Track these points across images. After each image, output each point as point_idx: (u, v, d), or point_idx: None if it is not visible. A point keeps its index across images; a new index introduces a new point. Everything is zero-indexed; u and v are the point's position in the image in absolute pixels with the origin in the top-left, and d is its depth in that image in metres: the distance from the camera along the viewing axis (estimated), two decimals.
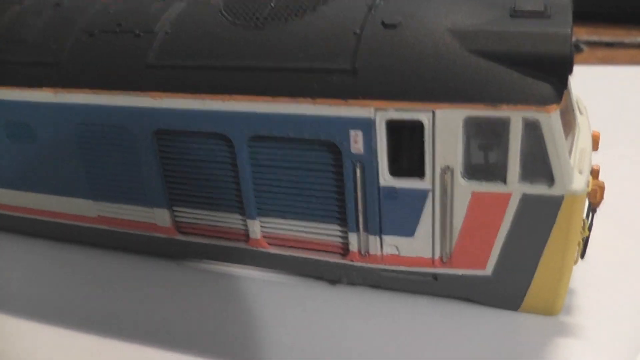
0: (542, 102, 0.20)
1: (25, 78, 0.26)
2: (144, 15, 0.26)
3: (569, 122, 0.22)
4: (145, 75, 0.24)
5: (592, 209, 0.24)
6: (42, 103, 0.26)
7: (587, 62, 0.49)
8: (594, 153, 0.25)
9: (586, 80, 0.43)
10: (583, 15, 0.51)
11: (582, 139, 0.24)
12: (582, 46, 0.50)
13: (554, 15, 0.22)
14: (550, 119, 0.20)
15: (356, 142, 0.22)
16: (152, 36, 0.25)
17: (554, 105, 0.20)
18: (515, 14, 0.22)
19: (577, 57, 0.50)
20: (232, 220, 0.26)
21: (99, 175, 0.27)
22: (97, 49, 0.25)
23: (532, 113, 0.20)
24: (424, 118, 0.21)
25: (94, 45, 0.26)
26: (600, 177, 0.24)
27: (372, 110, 0.21)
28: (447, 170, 0.22)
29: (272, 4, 0.24)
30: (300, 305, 0.26)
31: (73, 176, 0.27)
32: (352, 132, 0.22)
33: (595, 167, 0.24)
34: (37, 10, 0.28)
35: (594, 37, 0.51)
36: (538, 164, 0.21)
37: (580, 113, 0.26)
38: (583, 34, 0.54)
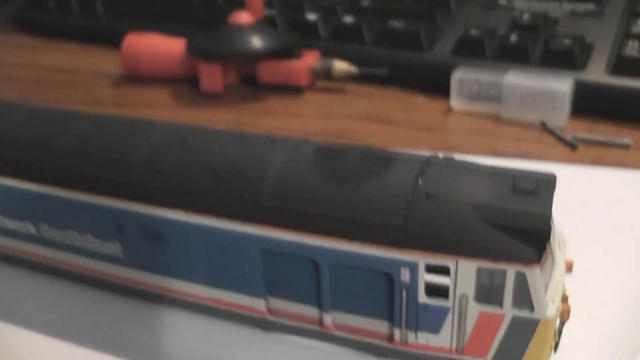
0: (527, 261, 0.32)
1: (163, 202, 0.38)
2: (255, 162, 0.37)
3: (547, 265, 0.34)
4: (259, 212, 0.36)
5: (562, 322, 0.36)
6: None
7: (580, 160, 0.58)
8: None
9: (576, 181, 0.55)
10: (582, 109, 0.62)
11: (557, 273, 0.35)
12: (577, 144, 0.59)
13: (541, 193, 0.33)
14: (532, 272, 0.32)
15: (404, 275, 0.34)
16: (262, 182, 0.36)
17: (535, 264, 0.32)
18: (514, 190, 0.34)
19: (571, 154, 0.61)
20: (312, 312, 0.38)
21: None
22: (219, 187, 0.37)
23: (520, 268, 0.32)
24: (450, 265, 0.33)
25: (217, 183, 0.37)
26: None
27: (416, 256, 0.33)
28: (464, 296, 0.33)
29: (349, 166, 0.36)
30: None
31: None
32: (402, 269, 0.34)
33: (565, 294, 0.36)
34: (169, 144, 0.40)
35: (589, 136, 0.61)
36: (524, 297, 0.33)
37: (559, 248, 0.37)
38: (580, 129, 0.64)
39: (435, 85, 0.71)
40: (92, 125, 0.41)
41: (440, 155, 0.36)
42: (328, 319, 0.36)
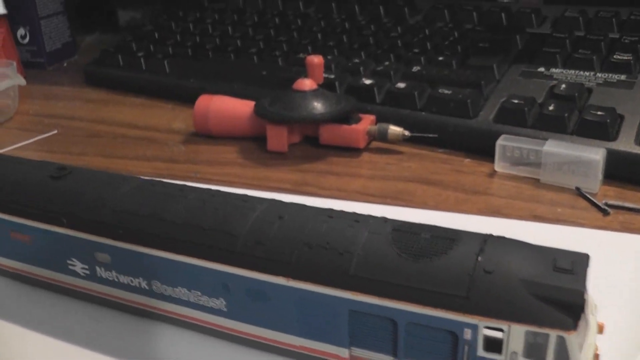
0: (566, 327, 0.40)
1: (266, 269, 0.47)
2: (344, 239, 0.46)
3: (582, 329, 0.42)
4: (348, 280, 0.44)
5: None
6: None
7: (610, 225, 0.65)
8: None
9: (607, 246, 0.62)
10: (614, 176, 0.70)
11: (590, 335, 0.43)
12: (609, 209, 0.67)
13: (577, 271, 0.41)
14: (570, 337, 0.40)
15: (467, 334, 0.42)
16: (350, 256, 0.45)
17: (572, 330, 0.40)
18: (555, 268, 0.42)
19: (603, 219, 0.69)
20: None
21: None
22: (314, 259, 0.46)
23: (560, 332, 0.40)
24: (504, 327, 0.40)
25: (313, 255, 0.46)
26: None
27: (477, 320, 0.41)
28: (514, 353, 0.41)
29: (421, 244, 0.44)
30: None
31: None
32: (465, 329, 0.41)
33: (596, 352, 0.44)
34: (269, 220, 0.49)
35: (620, 202, 0.68)
36: (563, 355, 0.41)
37: (592, 314, 0.45)
38: (611, 195, 0.71)
39: (480, 149, 0.79)
40: (198, 200, 0.49)
41: (494, 234, 0.44)
42: None
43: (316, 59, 0.85)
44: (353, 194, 0.72)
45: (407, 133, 0.79)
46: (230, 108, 0.86)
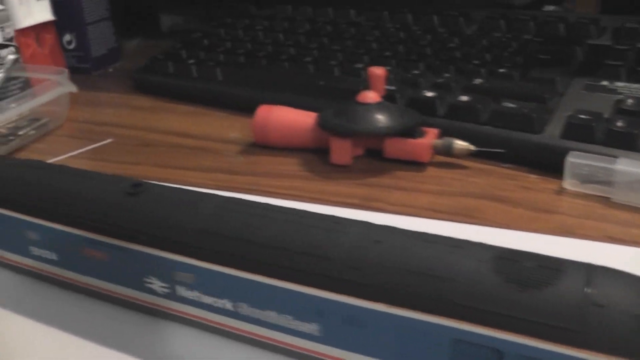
0: None
1: (363, 295, 0.46)
2: (445, 266, 0.43)
3: None
4: (453, 309, 0.43)
5: None
6: None
7: None
8: None
9: None
10: None
11: None
12: None
13: None
14: None
15: None
16: (453, 283, 0.43)
17: None
18: None
19: None
20: None
21: None
22: (415, 285, 0.44)
23: None
24: None
25: (414, 282, 0.44)
26: None
27: (590, 355, 0.39)
28: None
29: (526, 274, 0.43)
30: None
31: None
32: None
33: None
34: (365, 245, 0.47)
35: None
36: None
37: None
38: None
39: (546, 165, 0.78)
40: (287, 221, 0.48)
41: (597, 264, 0.43)
42: None
43: (378, 71, 0.84)
44: (422, 211, 0.70)
45: (472, 148, 0.78)
46: (292, 119, 0.85)
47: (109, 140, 0.99)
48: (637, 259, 0.61)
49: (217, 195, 0.54)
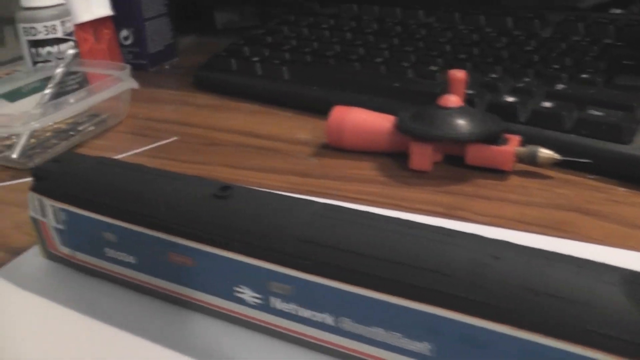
0: None
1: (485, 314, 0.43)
2: (572, 287, 0.40)
3: None
4: (586, 336, 0.40)
5: None
6: None
7: None
8: None
9: None
10: None
11: None
12: None
13: None
14: None
15: None
16: (586, 308, 0.40)
17: None
18: None
19: None
20: None
21: None
22: (542, 307, 0.41)
23: None
24: None
25: (540, 303, 0.41)
26: None
27: None
28: None
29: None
30: None
31: None
32: None
33: None
34: (483, 261, 0.44)
35: None
36: None
37: None
38: None
39: (636, 177, 0.74)
40: (395, 232, 0.45)
41: None
42: None
43: (459, 74, 0.80)
44: (510, 222, 0.67)
45: (558, 157, 0.75)
46: (369, 121, 0.82)
47: (173, 138, 0.96)
48: None
49: (313, 201, 0.51)
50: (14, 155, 0.89)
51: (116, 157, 0.89)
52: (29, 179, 0.81)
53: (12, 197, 0.82)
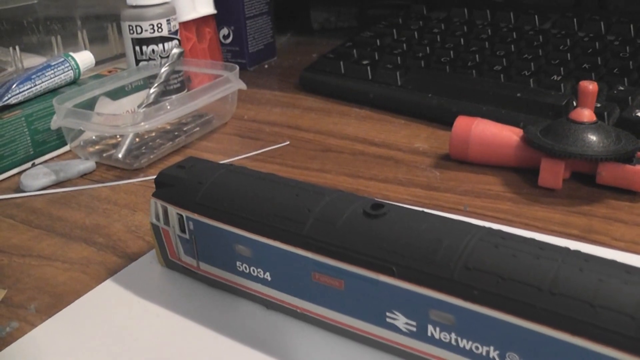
0: None
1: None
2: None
3: None
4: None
5: None
6: None
7: None
8: None
9: None
10: None
11: None
12: None
13: None
14: None
15: None
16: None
17: None
18: None
19: None
20: None
21: None
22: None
23: None
24: None
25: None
26: None
27: None
28: None
29: None
30: None
31: None
32: None
33: None
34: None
35: None
36: None
37: None
38: None
39: None
40: (573, 266, 0.43)
41: None
42: None
43: (591, 86, 0.77)
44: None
45: None
46: (496, 134, 0.80)
47: (286, 143, 0.95)
48: None
49: (475, 225, 0.49)
50: (120, 155, 0.88)
51: (226, 160, 0.88)
52: (135, 180, 0.81)
53: (119, 198, 0.81)
